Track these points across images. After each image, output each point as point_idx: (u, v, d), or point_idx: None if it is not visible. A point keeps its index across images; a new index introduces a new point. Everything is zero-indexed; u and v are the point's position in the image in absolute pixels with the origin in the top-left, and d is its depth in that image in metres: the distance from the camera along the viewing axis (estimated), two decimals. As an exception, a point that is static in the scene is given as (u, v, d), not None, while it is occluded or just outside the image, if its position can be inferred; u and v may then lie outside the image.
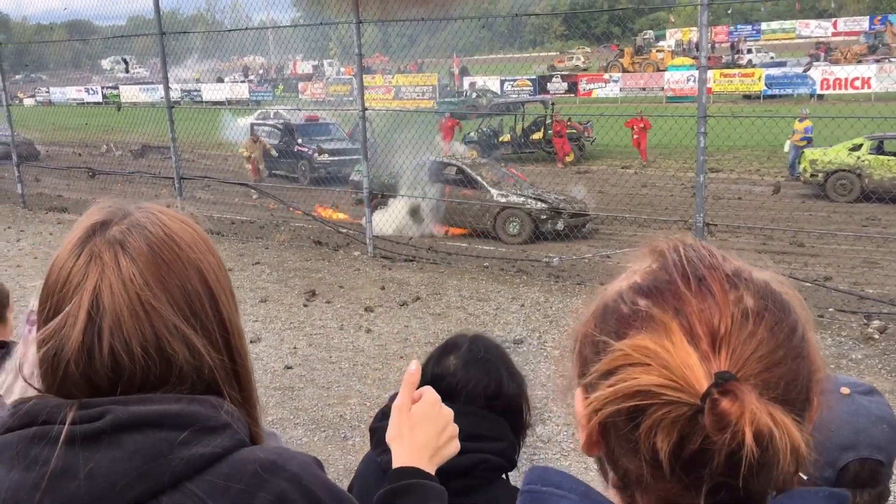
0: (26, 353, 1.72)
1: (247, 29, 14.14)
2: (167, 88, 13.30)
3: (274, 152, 21.11)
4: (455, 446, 1.38)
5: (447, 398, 1.57)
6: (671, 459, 0.79)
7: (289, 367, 7.35)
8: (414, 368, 1.38)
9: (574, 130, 24.91)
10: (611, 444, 0.87)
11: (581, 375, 0.92)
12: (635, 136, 23.39)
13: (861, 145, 17.63)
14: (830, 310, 8.36)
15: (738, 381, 0.77)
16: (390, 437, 1.36)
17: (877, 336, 7.64)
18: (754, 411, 0.76)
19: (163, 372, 1.05)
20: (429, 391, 1.39)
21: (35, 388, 1.10)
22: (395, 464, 1.34)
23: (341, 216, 15.25)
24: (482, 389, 1.79)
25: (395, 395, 1.89)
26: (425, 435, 1.35)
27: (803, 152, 18.41)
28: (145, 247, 1.09)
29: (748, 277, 0.86)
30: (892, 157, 17.54)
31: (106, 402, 1.02)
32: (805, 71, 37.18)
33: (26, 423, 1.02)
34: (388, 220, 12.48)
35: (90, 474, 0.97)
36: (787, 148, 20.27)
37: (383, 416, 1.83)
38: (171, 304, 1.07)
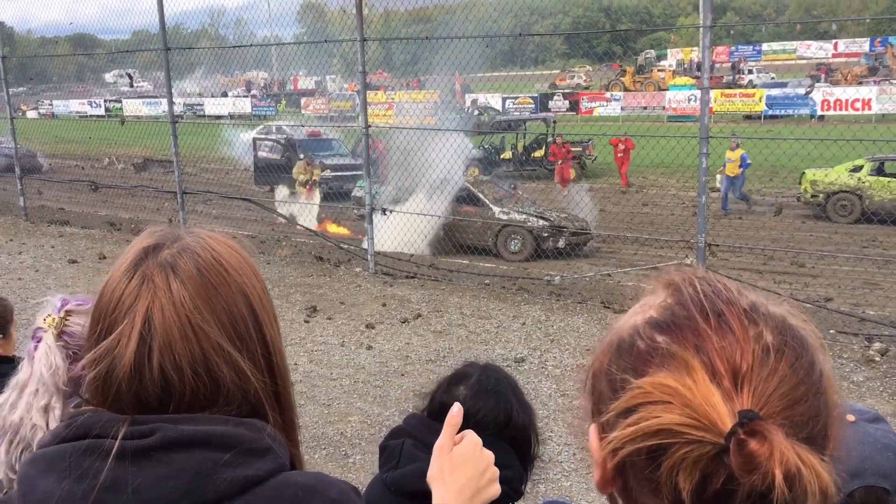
0: (67, 368, 1.73)
1: (251, 46, 14.22)
2: (171, 103, 13.34)
3: (317, 175, 20.10)
4: (496, 489, 1.37)
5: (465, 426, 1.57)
6: (693, 499, 0.79)
7: (289, 384, 7.34)
8: (457, 411, 1.39)
9: (579, 149, 24.87)
10: (629, 483, 0.86)
11: (596, 412, 0.91)
12: (619, 156, 23.36)
13: (862, 167, 17.71)
14: (831, 331, 8.36)
15: (763, 419, 0.77)
16: (431, 477, 1.36)
17: (878, 358, 7.64)
18: (783, 451, 0.75)
19: (212, 392, 1.09)
20: (471, 433, 1.38)
21: (92, 405, 1.13)
22: (435, 503, 1.35)
23: (343, 231, 15.27)
24: (492, 419, 1.80)
25: (411, 415, 1.88)
26: (466, 476, 1.35)
27: (804, 173, 18.46)
28: (195, 270, 1.12)
29: (766, 312, 0.86)
30: (893, 179, 17.60)
31: (156, 420, 1.05)
32: (807, 93, 37.33)
33: (80, 435, 1.05)
34: (391, 235, 12.48)
35: (137, 489, 1.00)
36: (718, 182, 19.57)
37: (394, 434, 1.83)
38: (218, 327, 1.10)
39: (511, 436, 1.81)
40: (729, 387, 0.80)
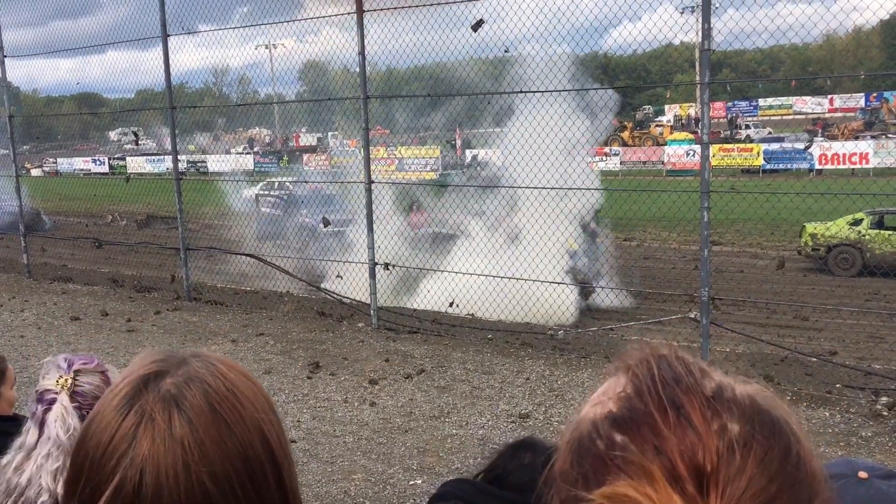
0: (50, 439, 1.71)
1: (255, 104, 14.39)
2: (176, 161, 13.47)
3: None
4: None
5: (528, 491, 1.48)
6: None
7: (292, 441, 7.27)
8: None
9: None
10: None
11: None
12: None
13: (862, 220, 17.79)
14: (838, 386, 8.30)
15: None
16: None
17: (885, 413, 7.56)
18: None
19: None
20: None
21: None
22: None
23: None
24: None
25: (460, 479, 1.78)
26: None
27: (804, 227, 18.53)
28: (205, 404, 0.95)
29: (731, 397, 0.81)
30: (893, 232, 17.67)
31: None
32: (806, 149, 37.69)
33: None
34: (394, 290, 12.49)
35: None
36: None
37: (440, 498, 1.74)
38: (227, 479, 0.93)
39: None
40: (693, 492, 0.74)
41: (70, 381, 1.79)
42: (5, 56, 15.54)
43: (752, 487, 0.74)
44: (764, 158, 38.67)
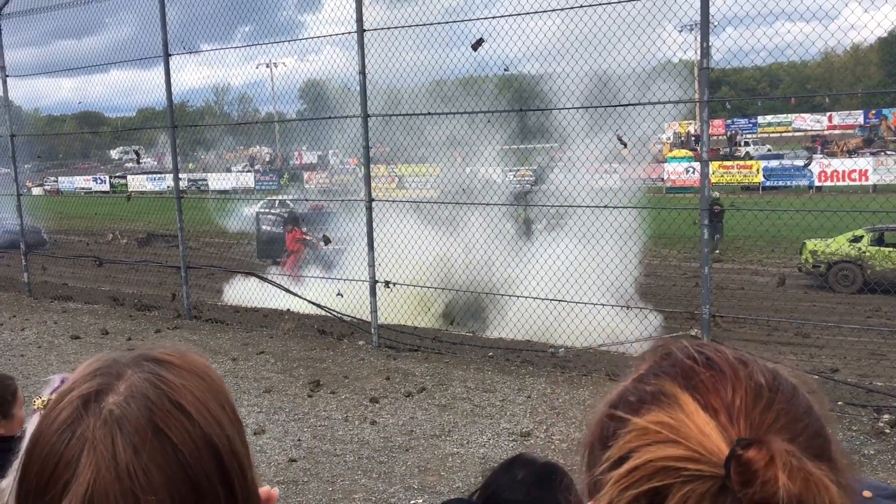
0: None
1: (256, 122, 14.44)
2: (177, 179, 13.51)
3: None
4: None
5: None
6: None
7: (293, 461, 7.24)
8: None
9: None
10: None
11: (591, 481, 0.85)
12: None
13: (862, 237, 17.79)
14: (840, 403, 8.27)
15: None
16: None
17: (888, 430, 7.54)
18: (784, 454, 0.72)
19: None
20: None
21: None
22: None
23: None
24: None
25: (457, 499, 1.80)
26: None
27: (805, 243, 18.53)
28: (148, 424, 0.89)
29: (754, 361, 0.85)
30: (894, 249, 17.67)
31: None
32: (806, 166, 37.77)
33: None
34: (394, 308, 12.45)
35: None
36: None
37: None
38: (172, 499, 0.88)
39: None
40: (725, 421, 0.77)
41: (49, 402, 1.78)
42: (7, 75, 15.61)
43: (779, 421, 0.78)
44: (763, 175, 38.73)
